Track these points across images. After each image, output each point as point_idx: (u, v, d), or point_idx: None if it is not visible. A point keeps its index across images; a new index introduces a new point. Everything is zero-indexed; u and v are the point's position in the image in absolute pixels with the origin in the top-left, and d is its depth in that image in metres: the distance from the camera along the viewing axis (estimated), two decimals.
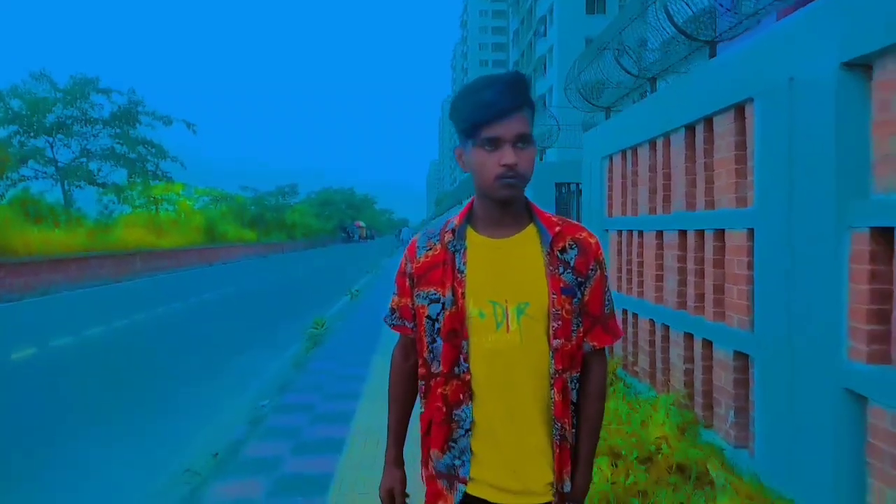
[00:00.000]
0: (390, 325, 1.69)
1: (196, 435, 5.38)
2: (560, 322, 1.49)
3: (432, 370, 1.55)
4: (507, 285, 1.49)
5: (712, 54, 4.67)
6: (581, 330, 1.55)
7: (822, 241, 3.16)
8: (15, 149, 23.10)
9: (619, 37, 5.89)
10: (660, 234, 5.32)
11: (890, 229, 2.80)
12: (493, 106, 1.40)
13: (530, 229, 1.54)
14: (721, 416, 4.23)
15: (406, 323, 1.65)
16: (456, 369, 1.50)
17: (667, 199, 5.18)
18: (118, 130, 26.12)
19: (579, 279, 1.52)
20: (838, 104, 3.04)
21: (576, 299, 1.52)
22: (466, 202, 1.59)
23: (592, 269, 1.54)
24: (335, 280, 20.84)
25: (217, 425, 5.58)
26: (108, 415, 6.02)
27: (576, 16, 40.57)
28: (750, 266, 3.86)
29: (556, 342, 1.49)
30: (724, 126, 4.15)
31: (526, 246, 1.52)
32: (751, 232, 3.85)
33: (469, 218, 1.56)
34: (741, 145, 3.99)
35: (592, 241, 1.56)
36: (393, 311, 1.68)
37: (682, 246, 4.87)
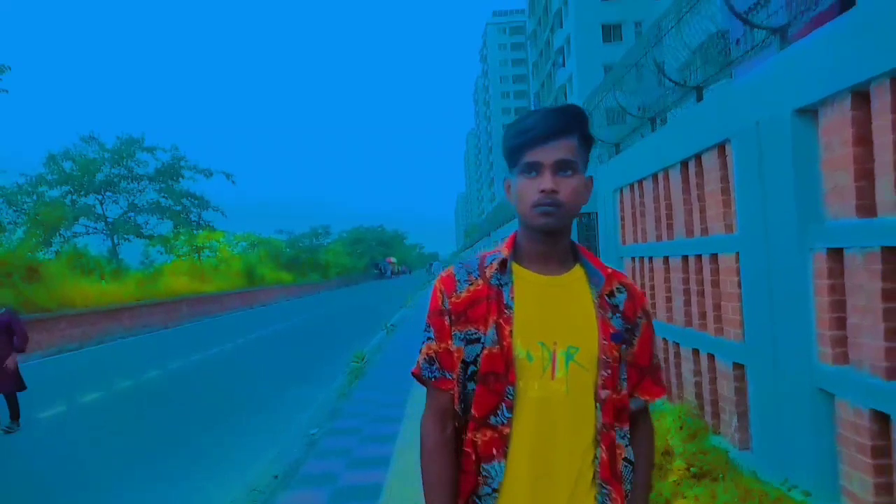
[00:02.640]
0: (429, 380, 1.43)
1: (255, 461, 5.96)
2: (609, 371, 1.38)
3: (467, 415, 1.40)
4: (556, 326, 1.37)
5: (699, 98, 5.25)
6: (627, 385, 1.43)
7: (791, 261, 3.68)
8: (68, 207, 24.68)
9: (620, 82, 6.52)
10: (666, 259, 5.85)
11: (841, 249, 3.32)
12: (531, 130, 1.35)
13: (577, 270, 1.44)
14: (726, 421, 4.70)
15: (447, 374, 1.41)
16: (493, 419, 1.35)
17: (670, 228, 5.72)
18: (163, 185, 27.78)
19: (627, 326, 1.42)
20: (794, 144, 3.59)
21: (624, 347, 1.41)
22: (498, 233, 1.59)
23: (640, 317, 1.45)
24: (370, 316, 21.53)
25: (273, 451, 6.17)
26: (171, 447, 6.64)
27: (593, 45, 41.38)
28: (740, 285, 4.38)
29: (603, 393, 1.37)
30: (711, 162, 4.71)
31: (575, 287, 1.42)
32: (738, 255, 4.37)
33: (513, 252, 1.44)
34: (725, 179, 4.54)
35: (637, 288, 1.50)
36: (430, 360, 1.43)
37: (685, 269, 5.39)
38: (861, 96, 3.15)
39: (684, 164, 5.26)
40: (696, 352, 5.22)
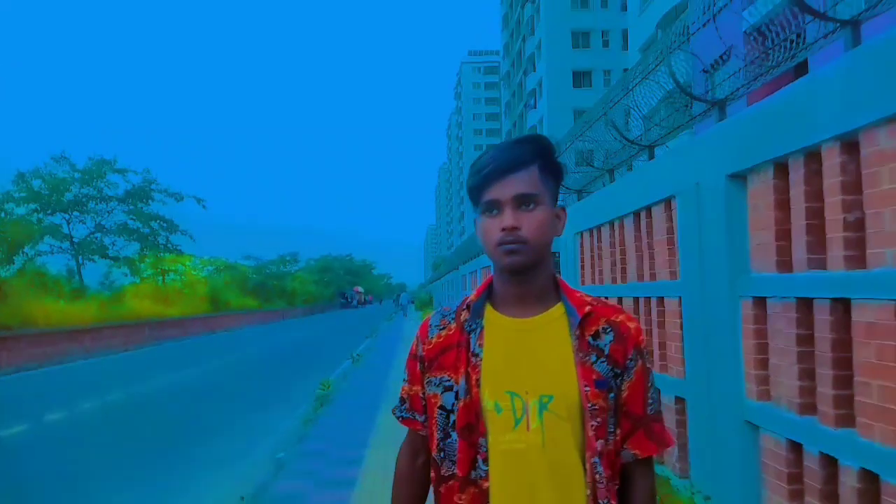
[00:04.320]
0: (399, 419, 1.48)
1: (221, 484, 6.08)
2: (599, 420, 1.27)
3: (443, 472, 1.33)
4: (527, 374, 1.29)
5: (651, 156, 5.79)
6: (618, 433, 1.32)
7: (724, 306, 4.15)
8: (34, 226, 24.40)
9: (582, 136, 7.06)
10: (620, 300, 6.30)
11: (764, 298, 3.79)
12: (486, 167, 1.30)
13: (557, 309, 1.34)
14: (669, 451, 5.11)
15: (416, 416, 1.43)
16: (473, 473, 1.29)
17: (623, 271, 6.20)
18: (132, 207, 27.65)
19: (616, 370, 1.30)
20: (727, 205, 4.09)
21: (611, 395, 1.29)
22: (465, 267, 1.53)
23: (632, 360, 1.32)
24: (336, 345, 21.61)
25: (239, 475, 6.30)
26: (134, 470, 6.68)
27: (563, 89, 42.86)
28: (681, 327, 4.84)
29: (599, 444, 1.28)
30: (659, 214, 5.21)
31: (551, 328, 1.32)
32: (680, 299, 4.84)
33: (488, 295, 1.39)
34: (671, 230, 5.03)
35: (632, 325, 1.35)
36: (403, 401, 1.47)
37: (637, 310, 5.84)
38: (782, 167, 3.65)
39: (637, 215, 5.75)
40: None
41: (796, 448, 3.52)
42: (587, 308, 1.33)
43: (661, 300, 5.26)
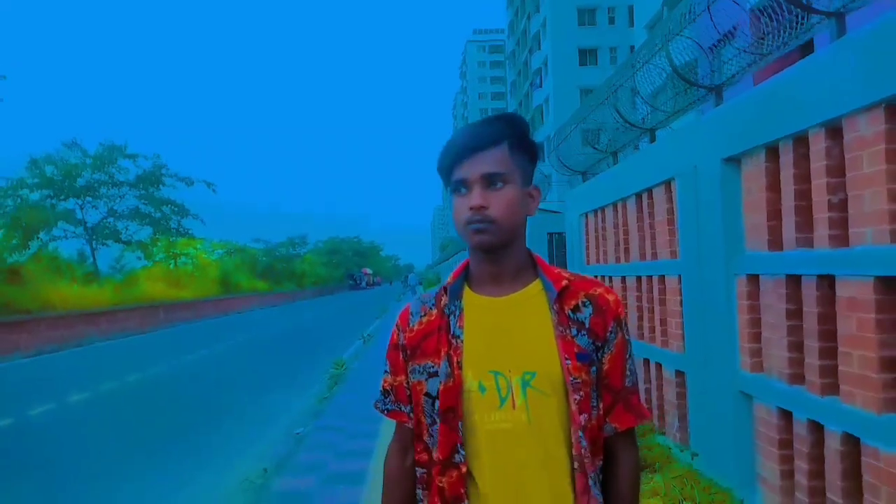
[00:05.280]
0: (384, 412, 1.45)
1: (242, 459, 6.31)
2: (582, 394, 1.27)
3: (434, 456, 1.33)
4: (509, 352, 1.29)
5: (652, 139, 5.97)
6: (601, 407, 1.32)
7: (720, 284, 4.37)
8: (49, 211, 24.80)
9: (584, 121, 7.24)
10: (623, 278, 6.53)
11: (757, 275, 4.01)
12: (454, 146, 1.31)
13: (535, 286, 1.34)
14: (670, 423, 5.37)
15: (403, 407, 1.40)
16: (455, 456, 1.29)
17: (626, 251, 6.42)
18: (143, 192, 28.00)
19: (597, 343, 1.30)
20: (722, 187, 4.29)
21: (594, 368, 1.30)
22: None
23: (612, 332, 1.32)
24: (347, 325, 21.98)
25: (260, 451, 6.58)
26: (157, 448, 6.93)
27: (569, 68, 42.65)
28: (681, 303, 5.06)
29: (582, 418, 1.27)
30: (660, 196, 5.41)
31: (530, 305, 1.32)
32: (680, 277, 5.06)
33: (465, 276, 1.39)
34: (671, 211, 5.24)
35: (611, 297, 1.35)
36: (386, 393, 1.44)
37: (639, 288, 6.07)
38: (773, 151, 3.85)
39: (639, 196, 5.96)
40: (646, 361, 5.90)
41: (786, 415, 3.76)
42: (564, 282, 1.33)
43: (662, 278, 5.49)
